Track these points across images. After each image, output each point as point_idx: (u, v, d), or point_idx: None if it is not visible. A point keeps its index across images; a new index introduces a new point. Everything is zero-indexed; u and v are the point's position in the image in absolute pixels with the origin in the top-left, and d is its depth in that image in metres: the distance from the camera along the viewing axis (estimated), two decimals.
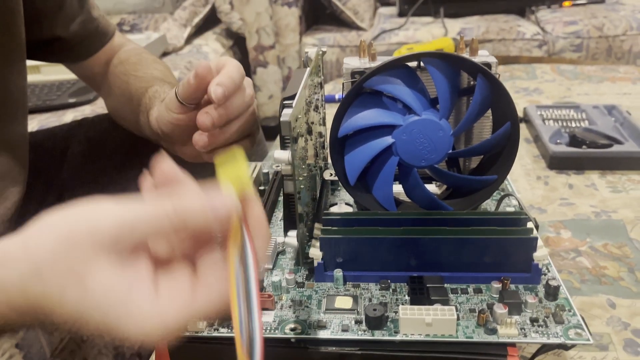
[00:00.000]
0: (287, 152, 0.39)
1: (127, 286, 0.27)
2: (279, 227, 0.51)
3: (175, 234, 0.28)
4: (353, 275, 0.42)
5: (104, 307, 0.26)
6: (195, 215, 0.28)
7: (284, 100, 0.40)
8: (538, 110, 0.89)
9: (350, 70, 0.44)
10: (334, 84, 1.16)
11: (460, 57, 0.40)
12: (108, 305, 0.26)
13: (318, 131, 0.53)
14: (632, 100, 0.97)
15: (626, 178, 0.72)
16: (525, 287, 0.40)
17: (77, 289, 0.26)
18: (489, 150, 0.44)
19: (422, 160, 0.43)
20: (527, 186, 0.72)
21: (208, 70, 0.45)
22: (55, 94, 1.13)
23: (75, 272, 0.26)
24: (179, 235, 0.29)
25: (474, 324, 0.37)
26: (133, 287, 0.27)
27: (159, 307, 0.27)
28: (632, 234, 0.60)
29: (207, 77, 0.45)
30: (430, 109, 0.42)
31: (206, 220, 0.28)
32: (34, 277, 0.27)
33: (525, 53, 1.56)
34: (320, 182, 0.53)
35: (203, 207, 0.28)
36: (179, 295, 0.27)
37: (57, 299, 0.27)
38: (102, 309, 0.26)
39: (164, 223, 0.27)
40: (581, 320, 0.36)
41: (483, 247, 0.39)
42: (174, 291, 0.28)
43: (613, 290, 0.52)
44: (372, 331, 0.37)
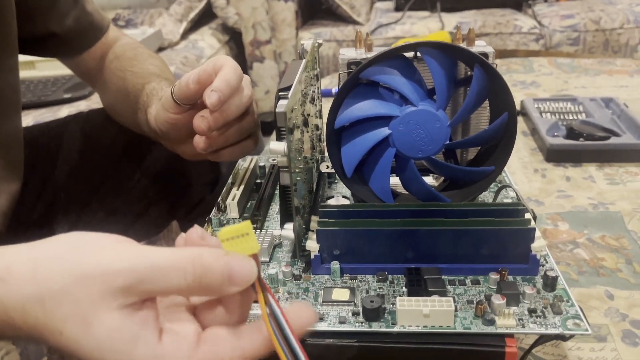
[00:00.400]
0: (283, 143, 0.38)
1: (133, 334, 0.26)
2: (275, 220, 0.51)
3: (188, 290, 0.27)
4: (350, 268, 0.41)
5: (104, 350, 0.26)
6: (213, 276, 0.27)
7: (279, 91, 0.40)
8: (535, 103, 0.89)
9: (347, 61, 0.44)
10: (330, 79, 1.15)
11: (458, 47, 0.40)
12: (109, 350, 0.26)
13: (314, 124, 0.53)
14: (630, 93, 0.97)
15: (624, 170, 0.72)
16: (523, 278, 0.40)
17: (79, 327, 0.26)
18: (487, 141, 0.44)
19: (419, 151, 0.42)
20: (525, 179, 0.72)
21: (208, 76, 0.45)
22: (50, 89, 1.12)
23: (81, 312, 0.26)
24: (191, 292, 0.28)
25: (471, 315, 0.36)
26: (139, 335, 0.26)
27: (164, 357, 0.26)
28: (629, 225, 0.60)
29: (207, 82, 0.45)
30: (427, 100, 0.42)
31: (222, 282, 0.27)
32: (38, 304, 0.26)
33: (522, 47, 1.56)
34: (317, 175, 0.53)
35: (222, 269, 0.27)
36: (181, 347, 0.27)
37: (57, 330, 0.26)
38: (103, 352, 0.26)
39: (180, 279, 0.27)
40: (579, 311, 0.36)
41: (481, 238, 0.39)
42: (178, 343, 0.27)
43: (611, 281, 0.52)
44: (369, 323, 0.36)
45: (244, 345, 0.28)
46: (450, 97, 0.42)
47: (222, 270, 0.27)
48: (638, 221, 0.61)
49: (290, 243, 0.45)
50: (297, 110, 0.41)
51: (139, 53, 0.65)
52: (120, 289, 0.26)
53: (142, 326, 0.26)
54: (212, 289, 0.27)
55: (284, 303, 0.39)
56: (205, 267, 0.27)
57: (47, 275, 0.27)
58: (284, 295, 0.40)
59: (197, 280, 0.27)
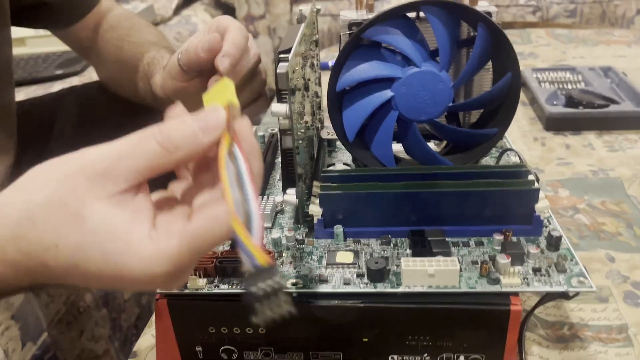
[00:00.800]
0: (285, 105, 0.38)
1: (127, 219, 0.26)
2: (277, 188, 0.50)
3: (168, 157, 0.27)
4: (353, 232, 0.41)
5: (103, 242, 0.25)
6: (181, 131, 0.27)
7: (279, 53, 0.39)
8: (534, 73, 0.88)
9: (348, 22, 0.43)
10: (326, 52, 1.14)
11: (462, 5, 0.39)
12: (108, 240, 0.25)
13: (314, 90, 0.52)
14: (628, 63, 0.96)
15: (623, 137, 0.71)
16: (527, 239, 0.40)
17: (73, 228, 0.25)
18: (490, 102, 0.43)
19: (422, 114, 0.42)
20: (525, 147, 0.71)
21: (218, 42, 0.44)
22: (41, 66, 1.10)
23: (71, 211, 0.25)
24: (172, 158, 0.27)
25: (476, 275, 0.36)
26: (133, 220, 0.26)
27: (159, 239, 0.26)
28: (629, 190, 0.60)
29: (217, 48, 0.44)
30: (430, 61, 0.41)
31: (193, 134, 0.27)
32: (27, 222, 0.26)
33: (519, 19, 1.54)
34: (317, 143, 0.52)
35: (188, 123, 0.27)
36: (175, 223, 0.26)
37: (53, 244, 0.25)
38: (102, 246, 0.25)
39: (151, 145, 0.26)
40: (584, 269, 0.36)
41: (484, 200, 0.39)
42: (171, 222, 0.27)
43: (612, 245, 0.52)
44: (374, 284, 0.36)
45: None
46: (453, 57, 0.41)
47: (191, 121, 0.27)
48: (638, 186, 0.61)
49: (292, 209, 0.45)
50: (297, 72, 0.41)
51: (135, 22, 0.64)
52: (102, 174, 0.26)
53: (136, 212, 0.26)
54: (187, 144, 0.27)
55: (288, 267, 0.39)
56: (173, 123, 0.27)
57: (29, 188, 0.27)
58: (287, 259, 0.40)
59: (166, 137, 0.26)
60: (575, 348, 0.41)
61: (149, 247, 0.25)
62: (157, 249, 0.25)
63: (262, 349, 0.38)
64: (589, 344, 0.41)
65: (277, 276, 0.25)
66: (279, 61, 0.38)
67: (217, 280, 0.38)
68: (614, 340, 0.42)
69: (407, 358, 0.38)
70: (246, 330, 0.37)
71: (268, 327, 0.25)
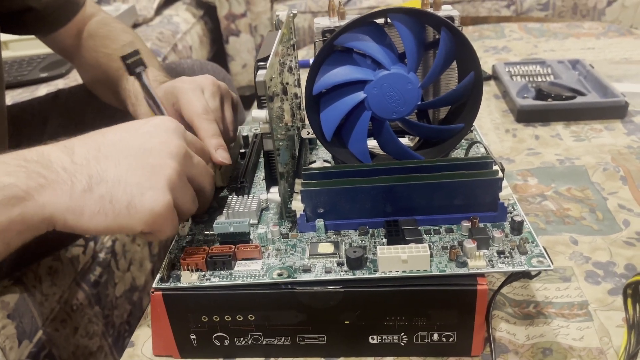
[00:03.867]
0: (264, 111, 0.41)
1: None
2: (261, 187, 0.53)
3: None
4: (334, 224, 0.44)
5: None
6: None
7: (257, 62, 0.42)
8: (506, 67, 0.92)
9: (321, 30, 0.46)
10: (307, 50, 1.17)
11: (424, 12, 0.42)
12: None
13: (294, 92, 0.55)
14: (596, 55, 1.00)
15: (589, 127, 0.75)
16: (493, 225, 0.43)
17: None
18: (456, 100, 0.47)
19: (393, 113, 0.45)
20: (497, 139, 0.75)
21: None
22: (26, 69, 1.11)
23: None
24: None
25: (446, 259, 0.40)
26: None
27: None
28: (593, 178, 0.64)
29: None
30: (399, 64, 0.44)
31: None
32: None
33: (494, 13, 1.58)
34: (298, 142, 0.55)
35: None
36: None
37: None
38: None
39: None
40: (543, 250, 0.40)
41: (453, 190, 0.42)
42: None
43: (576, 229, 0.56)
44: (353, 271, 0.40)
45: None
46: (420, 60, 0.44)
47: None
48: (601, 173, 0.65)
49: (276, 206, 0.48)
50: (275, 79, 0.44)
51: (112, 29, 0.66)
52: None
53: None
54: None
55: (274, 259, 0.42)
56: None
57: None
58: (273, 252, 0.43)
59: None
60: (540, 324, 0.45)
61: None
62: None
63: (251, 334, 0.41)
64: (552, 319, 0.45)
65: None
66: (257, 69, 0.41)
67: (207, 274, 0.41)
68: (576, 316, 0.45)
69: (386, 337, 0.41)
70: (237, 318, 0.41)
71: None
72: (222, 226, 0.44)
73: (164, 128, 0.41)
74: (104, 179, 0.38)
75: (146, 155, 0.39)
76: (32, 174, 0.36)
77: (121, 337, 0.88)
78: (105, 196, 0.37)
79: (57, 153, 0.38)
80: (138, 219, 0.38)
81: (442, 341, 0.41)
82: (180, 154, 0.40)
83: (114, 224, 0.38)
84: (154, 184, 0.38)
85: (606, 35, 1.09)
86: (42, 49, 1.17)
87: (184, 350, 0.43)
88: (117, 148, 0.39)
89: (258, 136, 0.60)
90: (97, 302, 0.83)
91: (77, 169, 0.38)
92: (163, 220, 0.39)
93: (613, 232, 0.55)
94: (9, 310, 0.65)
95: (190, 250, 0.42)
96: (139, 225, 0.38)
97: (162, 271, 0.41)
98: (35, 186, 0.36)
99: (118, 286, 0.89)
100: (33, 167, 0.37)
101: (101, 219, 0.37)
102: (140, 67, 0.46)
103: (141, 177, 0.38)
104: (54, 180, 0.37)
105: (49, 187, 0.36)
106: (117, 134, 0.41)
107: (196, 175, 0.43)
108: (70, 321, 0.77)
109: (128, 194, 0.37)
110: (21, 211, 0.35)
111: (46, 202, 0.36)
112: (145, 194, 0.38)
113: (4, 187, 0.35)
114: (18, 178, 0.36)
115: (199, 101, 0.50)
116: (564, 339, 0.43)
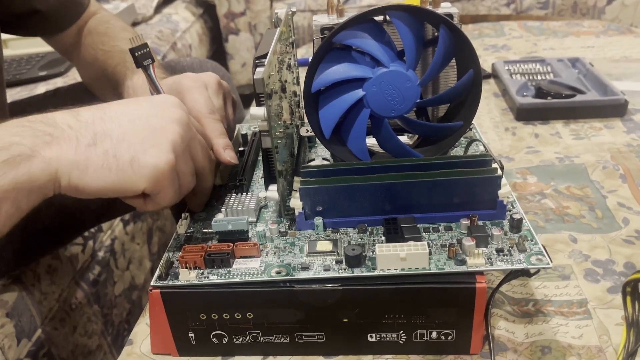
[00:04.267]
0: (263, 108, 0.41)
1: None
2: (260, 185, 0.53)
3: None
4: (332, 222, 0.44)
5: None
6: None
7: (256, 59, 0.42)
8: (506, 65, 0.92)
9: (320, 27, 0.46)
10: (306, 48, 1.16)
11: (423, 9, 0.42)
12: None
13: (292, 90, 0.55)
14: (596, 53, 1.00)
15: (588, 125, 0.75)
16: (492, 222, 0.43)
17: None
18: (455, 97, 0.46)
19: (392, 110, 0.45)
20: (496, 137, 0.75)
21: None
22: (24, 67, 1.11)
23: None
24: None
25: (445, 257, 0.40)
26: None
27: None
28: (592, 176, 0.64)
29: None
30: (398, 61, 0.44)
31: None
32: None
33: (494, 12, 1.58)
34: (297, 140, 0.55)
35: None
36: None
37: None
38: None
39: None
40: (542, 248, 0.40)
41: (452, 188, 0.42)
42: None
43: (575, 227, 0.56)
44: (351, 269, 0.40)
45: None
46: (419, 57, 0.44)
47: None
48: (600, 172, 0.65)
49: (275, 203, 0.48)
50: (274, 76, 0.44)
51: (111, 27, 0.66)
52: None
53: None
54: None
55: (272, 257, 0.42)
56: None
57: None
58: (271, 249, 0.43)
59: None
60: (539, 322, 0.45)
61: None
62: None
63: (250, 332, 0.41)
64: (551, 317, 0.45)
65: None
66: (255, 66, 0.41)
67: (206, 271, 0.41)
68: (575, 314, 0.45)
69: (385, 336, 0.41)
70: (235, 316, 0.40)
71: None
72: (220, 224, 0.44)
73: (169, 102, 0.43)
74: (108, 135, 0.39)
75: (151, 119, 0.40)
76: (37, 132, 0.37)
77: (120, 335, 0.88)
78: (109, 151, 0.38)
79: (62, 114, 0.39)
80: (141, 174, 0.38)
81: (441, 339, 0.40)
82: (184, 122, 0.42)
83: (117, 180, 0.38)
84: (157, 142, 0.39)
85: (606, 33, 1.09)
86: (40, 48, 1.17)
87: (182, 348, 0.43)
88: (122, 112, 0.41)
89: (257, 134, 0.60)
90: (96, 301, 0.83)
91: (82, 126, 0.39)
92: (165, 179, 0.40)
93: (612, 230, 0.55)
94: (7, 308, 0.65)
95: (188, 248, 0.42)
96: (142, 182, 0.39)
97: (161, 269, 0.41)
98: (40, 143, 0.37)
99: (117, 285, 0.89)
100: (38, 126, 0.37)
101: (105, 173, 0.38)
102: (148, 59, 0.46)
103: (145, 136, 0.39)
104: (60, 136, 0.37)
105: (54, 143, 0.37)
106: (122, 104, 0.42)
107: (196, 154, 0.44)
108: (69, 320, 0.77)
109: (132, 150, 0.39)
110: (28, 169, 0.36)
111: (52, 157, 0.37)
112: (149, 150, 0.39)
113: (10, 146, 0.35)
114: (23, 137, 0.36)
115: (205, 100, 0.50)
116: (563, 337, 0.43)
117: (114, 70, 0.59)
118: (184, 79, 0.52)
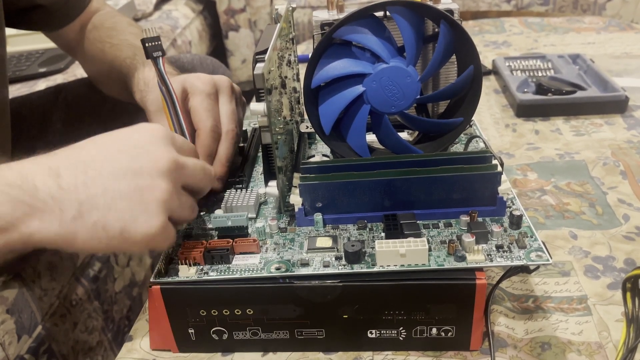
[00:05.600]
0: (262, 104, 0.41)
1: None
2: (259, 181, 0.53)
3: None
4: (332, 218, 0.44)
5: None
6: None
7: (256, 54, 0.42)
8: (506, 61, 0.91)
9: (320, 22, 0.46)
10: (307, 45, 1.16)
11: (424, 5, 0.42)
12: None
13: (292, 86, 0.55)
14: (596, 49, 1.00)
15: (589, 122, 0.75)
16: (492, 219, 0.43)
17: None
18: (455, 93, 0.46)
19: (392, 106, 0.45)
20: (496, 134, 0.75)
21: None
22: (24, 64, 1.11)
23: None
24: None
25: (444, 253, 0.40)
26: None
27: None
28: (593, 172, 0.64)
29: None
30: (398, 57, 0.44)
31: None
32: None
33: (495, 8, 1.58)
34: (297, 136, 0.55)
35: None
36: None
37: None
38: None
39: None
40: (542, 244, 0.40)
41: (451, 184, 0.42)
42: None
43: (575, 223, 0.56)
44: (351, 265, 0.39)
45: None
46: (419, 53, 0.44)
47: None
48: (601, 168, 0.65)
49: (275, 200, 0.48)
50: (274, 72, 0.44)
51: (118, 22, 0.66)
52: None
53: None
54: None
55: (272, 253, 0.42)
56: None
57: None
58: (271, 246, 0.43)
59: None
60: (539, 318, 0.45)
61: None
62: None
63: (250, 328, 0.41)
64: (551, 314, 0.45)
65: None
66: (255, 62, 0.41)
67: (205, 268, 0.41)
68: (575, 310, 0.45)
69: (384, 332, 0.41)
70: (235, 312, 0.40)
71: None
72: (220, 220, 0.44)
73: (151, 139, 0.39)
74: (94, 205, 0.36)
75: (136, 177, 0.37)
76: (16, 202, 0.35)
77: (121, 332, 0.88)
78: (97, 223, 0.36)
79: (42, 177, 0.36)
80: (133, 242, 0.37)
81: (441, 335, 0.40)
82: (172, 169, 0.38)
83: (108, 249, 0.37)
84: (146, 208, 0.37)
85: (607, 29, 1.09)
86: (40, 44, 1.16)
87: (182, 345, 0.43)
88: (105, 170, 0.37)
89: (256, 130, 0.60)
90: (96, 297, 0.83)
91: (65, 196, 0.36)
92: (159, 239, 0.38)
93: (612, 226, 0.55)
94: (8, 305, 0.65)
95: (188, 244, 0.42)
96: (135, 248, 0.38)
97: (160, 265, 0.41)
98: (20, 216, 0.34)
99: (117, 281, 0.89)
100: (17, 193, 0.35)
101: (94, 243, 0.36)
102: (159, 52, 0.46)
103: (132, 202, 0.36)
104: (41, 209, 0.35)
105: (35, 217, 0.35)
106: (103, 151, 0.38)
107: (192, 181, 0.41)
108: (69, 316, 0.77)
109: (121, 221, 0.36)
110: (6, 240, 0.34)
111: (34, 231, 0.35)
112: (138, 218, 0.36)
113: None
114: (1, 204, 0.34)
115: (210, 110, 0.49)
116: (562, 334, 0.43)
117: (123, 62, 0.59)
118: (195, 79, 0.51)
